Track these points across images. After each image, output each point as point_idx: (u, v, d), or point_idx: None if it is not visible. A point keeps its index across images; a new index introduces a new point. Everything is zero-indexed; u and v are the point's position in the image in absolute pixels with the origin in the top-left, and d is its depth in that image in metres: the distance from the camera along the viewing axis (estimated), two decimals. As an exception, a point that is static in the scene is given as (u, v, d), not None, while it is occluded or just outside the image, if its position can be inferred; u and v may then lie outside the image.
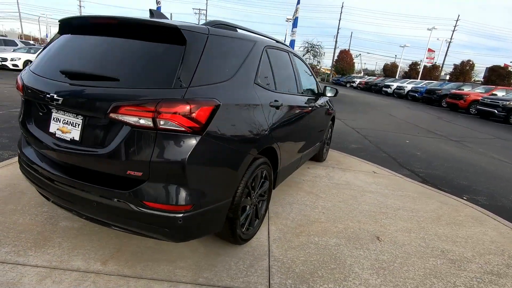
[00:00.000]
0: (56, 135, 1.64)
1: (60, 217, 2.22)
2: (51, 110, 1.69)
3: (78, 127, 1.56)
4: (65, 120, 1.61)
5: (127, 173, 1.45)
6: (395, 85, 24.96)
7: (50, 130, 1.68)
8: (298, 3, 17.01)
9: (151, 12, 1.96)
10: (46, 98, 1.56)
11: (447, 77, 40.77)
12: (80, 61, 1.68)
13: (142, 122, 1.38)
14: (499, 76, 34.91)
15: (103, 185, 1.49)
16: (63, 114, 1.62)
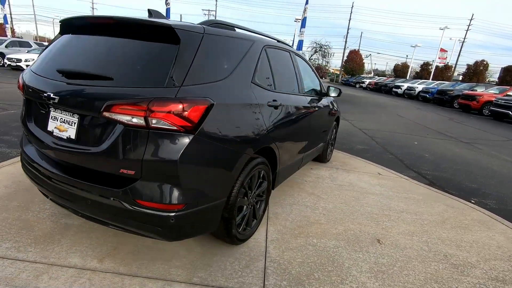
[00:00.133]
0: (54, 134, 1.67)
1: (62, 215, 2.26)
2: (50, 109, 1.72)
3: (74, 126, 1.58)
4: (62, 119, 1.64)
5: (120, 172, 1.46)
6: (406, 86, 24.56)
7: (48, 129, 1.71)
8: (307, 3, 16.92)
9: (150, 12, 1.98)
10: (44, 97, 1.59)
11: (460, 78, 39.81)
12: (78, 61, 1.70)
13: (135, 121, 1.39)
14: (515, 77, 33.82)
15: (97, 183, 1.51)
16: (60, 113, 1.65)
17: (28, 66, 1.97)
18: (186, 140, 1.45)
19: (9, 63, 14.28)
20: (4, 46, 15.39)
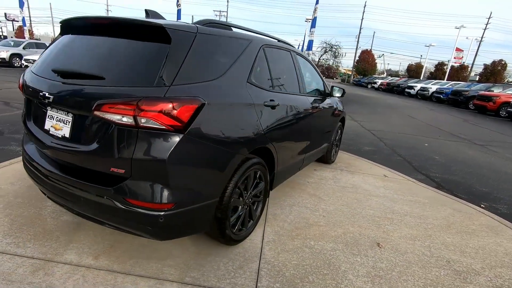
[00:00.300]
0: (50, 132, 1.71)
1: (63, 212, 2.31)
2: (47, 108, 1.76)
3: (69, 124, 1.61)
4: (58, 118, 1.67)
5: (111, 170, 1.47)
6: (419, 86, 24.01)
7: (45, 127, 1.74)
8: (317, 3, 16.78)
9: (147, 12, 1.99)
10: (40, 96, 1.63)
11: (477, 78, 38.57)
12: (73, 60, 1.73)
13: (124, 120, 1.40)
14: (535, 77, 32.56)
15: (90, 182, 1.53)
16: (56, 112, 1.68)
17: (29, 67, 2.02)
18: (176, 140, 1.45)
19: (26, 64, 14.78)
20: (22, 48, 15.93)
